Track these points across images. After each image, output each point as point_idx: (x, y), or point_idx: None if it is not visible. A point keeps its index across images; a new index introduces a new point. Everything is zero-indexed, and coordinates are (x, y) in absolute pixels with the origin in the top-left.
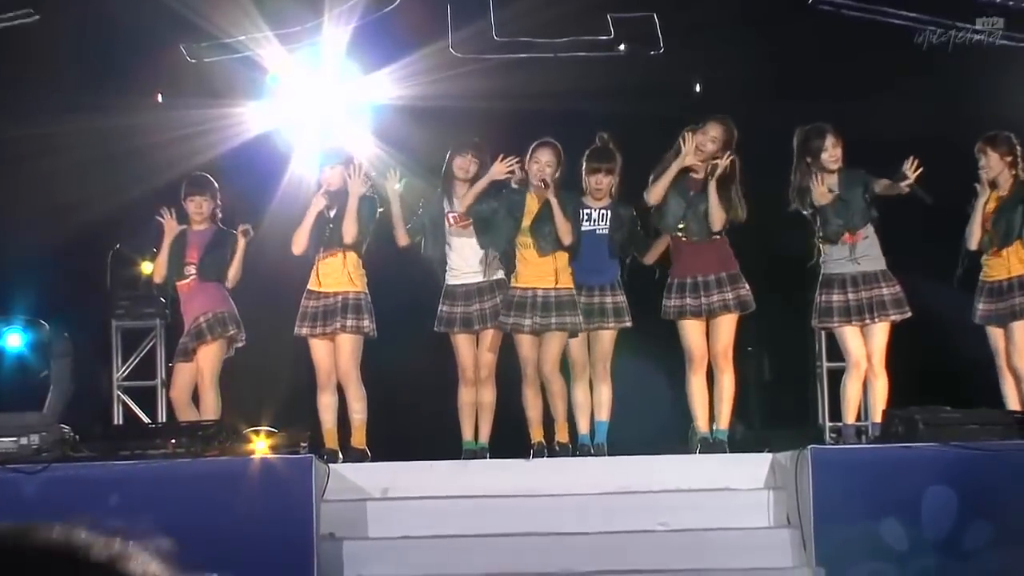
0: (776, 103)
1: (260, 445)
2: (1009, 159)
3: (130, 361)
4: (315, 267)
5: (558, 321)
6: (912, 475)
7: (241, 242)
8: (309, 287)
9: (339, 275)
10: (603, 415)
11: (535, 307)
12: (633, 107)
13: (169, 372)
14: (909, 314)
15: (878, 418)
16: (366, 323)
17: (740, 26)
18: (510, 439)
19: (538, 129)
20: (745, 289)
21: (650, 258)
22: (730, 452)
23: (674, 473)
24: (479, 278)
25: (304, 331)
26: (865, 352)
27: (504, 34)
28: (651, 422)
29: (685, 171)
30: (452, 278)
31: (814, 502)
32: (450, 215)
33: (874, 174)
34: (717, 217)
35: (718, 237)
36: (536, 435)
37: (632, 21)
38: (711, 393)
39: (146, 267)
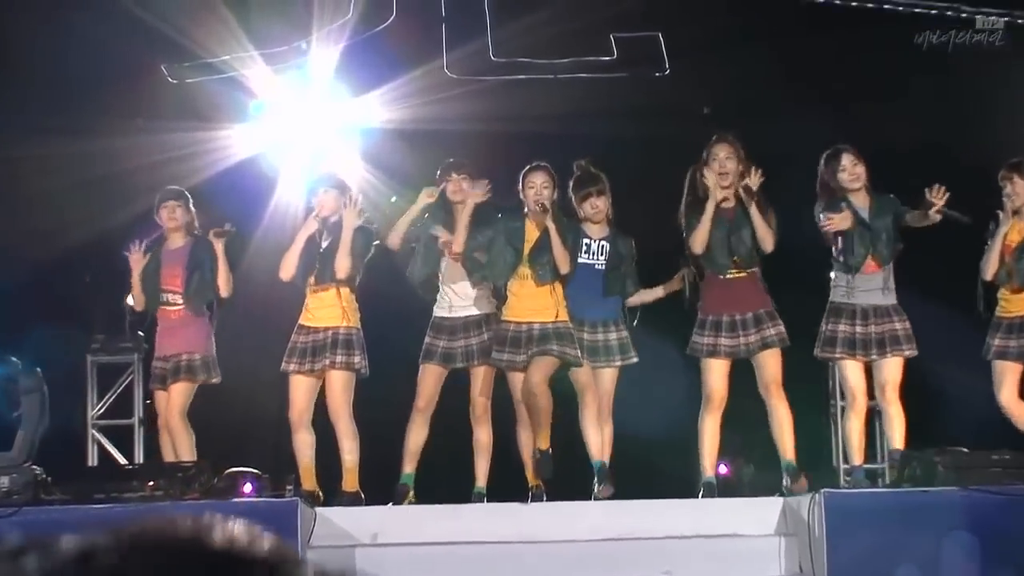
0: (786, 120)
1: (244, 488)
2: None
3: (106, 398)
4: (306, 301)
5: (559, 350)
6: (931, 521)
7: (219, 247)
8: (300, 322)
9: (331, 310)
10: (604, 455)
11: (531, 342)
12: (638, 129)
13: (148, 409)
14: (915, 352)
15: (899, 444)
16: (357, 359)
17: (745, 41)
18: (506, 482)
19: (537, 153)
20: (782, 327)
21: (633, 302)
22: (738, 496)
23: (680, 518)
24: (469, 312)
25: (292, 367)
26: (865, 387)
27: (502, 54)
28: (655, 464)
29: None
30: (440, 309)
31: (828, 550)
32: (442, 242)
33: (885, 189)
34: (767, 238)
35: (755, 271)
36: (533, 478)
37: (636, 42)
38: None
39: (129, 299)
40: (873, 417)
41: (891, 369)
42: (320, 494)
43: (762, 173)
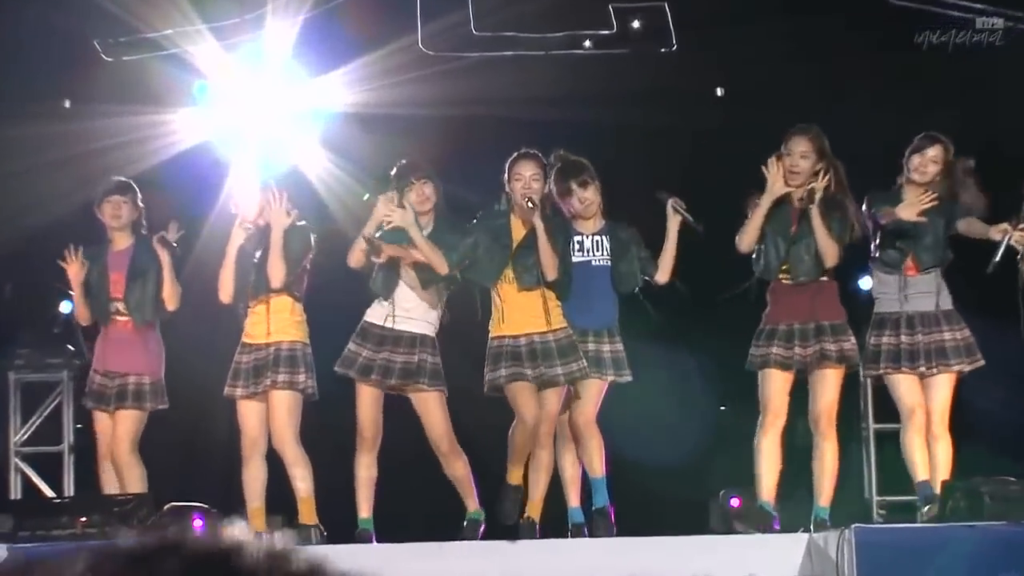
0: (811, 105)
1: (192, 524)
2: None
3: (31, 422)
4: (247, 316)
5: (565, 371)
6: (977, 559)
7: (164, 256)
8: (242, 339)
9: (271, 323)
10: (598, 470)
11: (535, 357)
12: (641, 114)
13: (81, 433)
14: (981, 362)
15: (938, 489)
16: (302, 378)
17: (766, 14)
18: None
19: (524, 141)
20: (851, 343)
21: (663, 275)
22: (758, 532)
23: (691, 557)
24: (407, 327)
25: (237, 391)
26: (921, 399)
27: (485, 27)
28: (663, 494)
29: (780, 203)
30: (374, 315)
31: None
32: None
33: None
34: (829, 250)
35: (825, 279)
36: (530, 509)
37: (640, 12)
38: (789, 460)
39: (64, 307)
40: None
41: (939, 391)
42: (323, 530)
43: (834, 174)
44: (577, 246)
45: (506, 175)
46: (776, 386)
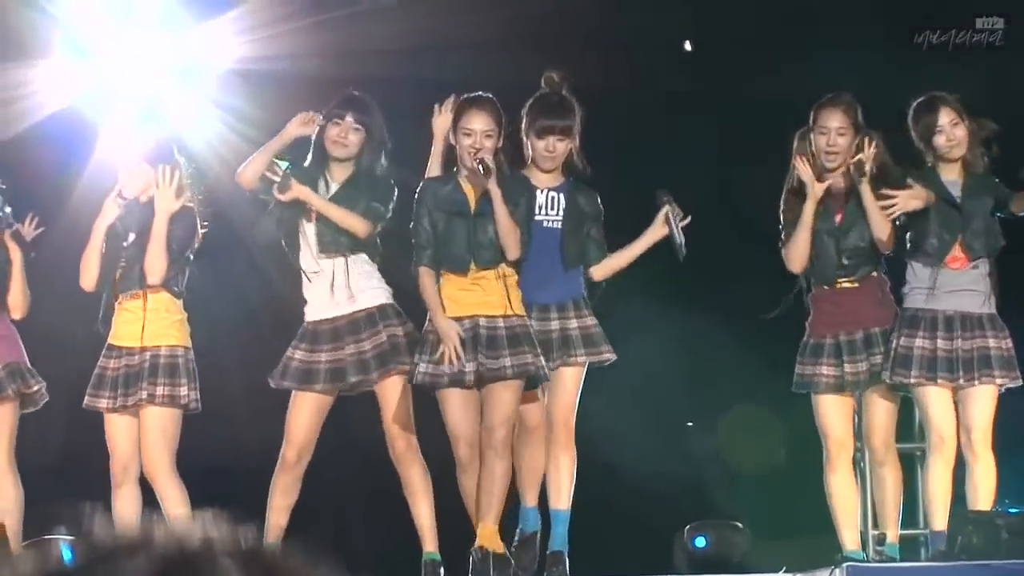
0: (792, 60)
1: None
2: None
3: None
4: (115, 312)
5: (516, 363)
6: None
7: (15, 252)
8: (108, 340)
9: (146, 324)
10: (562, 501)
11: (477, 345)
12: (597, 70)
13: None
14: (1020, 381)
15: (984, 505)
16: (183, 391)
17: None
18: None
19: (453, 87)
20: None
21: (600, 272)
22: (735, 573)
23: None
24: (356, 307)
25: (102, 403)
26: (954, 423)
27: None
28: (617, 527)
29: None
30: (313, 311)
31: None
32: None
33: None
34: (885, 231)
35: (874, 275)
36: (484, 538)
37: None
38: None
39: None
40: (912, 464)
41: (982, 404)
42: None
43: (876, 146)
44: (538, 206)
45: (452, 127)
46: (833, 412)
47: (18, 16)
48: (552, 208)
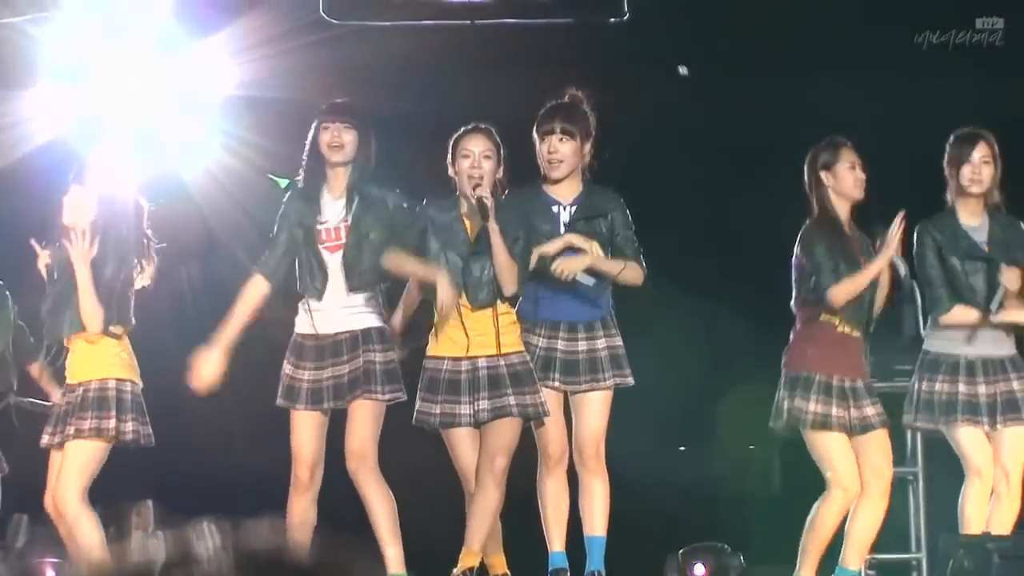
0: (790, 85)
1: None
2: None
3: None
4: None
5: (518, 402)
6: None
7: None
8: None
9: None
10: (597, 528)
11: (476, 387)
12: (587, 96)
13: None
14: None
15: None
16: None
17: None
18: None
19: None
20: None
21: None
22: None
23: None
24: (341, 327)
25: (44, 439)
26: (991, 458)
27: None
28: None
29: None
30: (302, 324)
31: None
32: (321, 227)
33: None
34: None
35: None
36: (467, 559)
37: None
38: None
39: None
40: (904, 488)
41: (1013, 445)
42: None
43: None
44: (551, 218)
45: (451, 155)
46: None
47: (10, 42)
48: (573, 225)
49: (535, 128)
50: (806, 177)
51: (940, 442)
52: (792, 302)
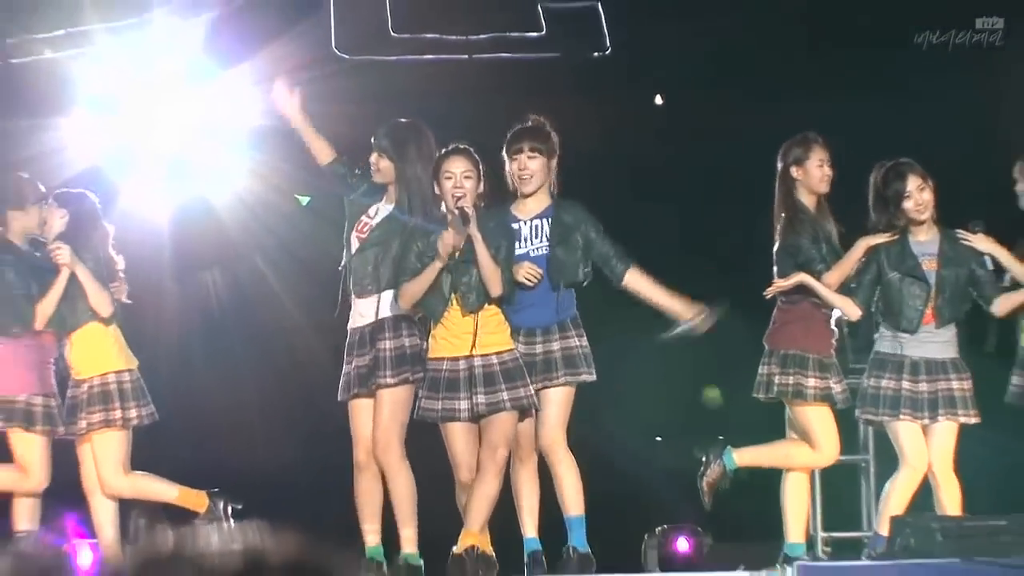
0: (761, 112)
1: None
2: None
3: None
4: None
5: (511, 396)
6: None
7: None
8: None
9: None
10: (573, 508)
11: (473, 383)
12: (572, 125)
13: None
14: (976, 420)
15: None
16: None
17: (708, 13)
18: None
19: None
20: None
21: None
22: (693, 571)
23: None
24: (367, 320)
25: (60, 430)
26: (925, 454)
27: (403, 29)
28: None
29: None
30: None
31: None
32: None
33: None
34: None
35: None
36: (467, 538)
37: (571, 14)
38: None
39: None
40: (856, 473)
41: (943, 438)
42: None
43: None
44: (509, 233)
45: (437, 171)
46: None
47: (48, 74)
48: (536, 237)
49: (505, 149)
50: (778, 169)
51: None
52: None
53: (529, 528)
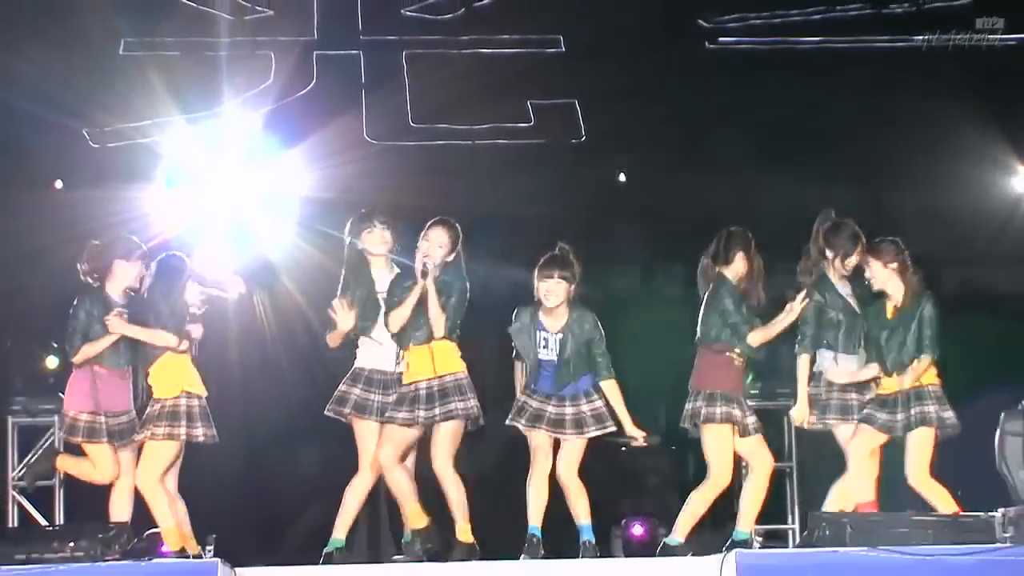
0: (709, 177)
1: (163, 548)
2: (894, 266)
3: (27, 459)
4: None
5: (443, 411)
6: None
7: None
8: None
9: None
10: (583, 518)
11: (417, 401)
12: (554, 191)
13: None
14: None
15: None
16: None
17: (660, 101)
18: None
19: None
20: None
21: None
22: (648, 556)
23: None
24: (394, 367)
25: (135, 436)
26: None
27: (420, 119)
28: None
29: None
30: (368, 360)
31: None
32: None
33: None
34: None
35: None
36: (462, 534)
37: (554, 108)
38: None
39: (51, 361)
40: (783, 478)
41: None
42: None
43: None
44: (543, 342)
45: (422, 235)
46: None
47: (130, 150)
48: (551, 348)
49: (537, 270)
50: (708, 259)
51: (807, 442)
52: (699, 339)
53: (534, 519)
